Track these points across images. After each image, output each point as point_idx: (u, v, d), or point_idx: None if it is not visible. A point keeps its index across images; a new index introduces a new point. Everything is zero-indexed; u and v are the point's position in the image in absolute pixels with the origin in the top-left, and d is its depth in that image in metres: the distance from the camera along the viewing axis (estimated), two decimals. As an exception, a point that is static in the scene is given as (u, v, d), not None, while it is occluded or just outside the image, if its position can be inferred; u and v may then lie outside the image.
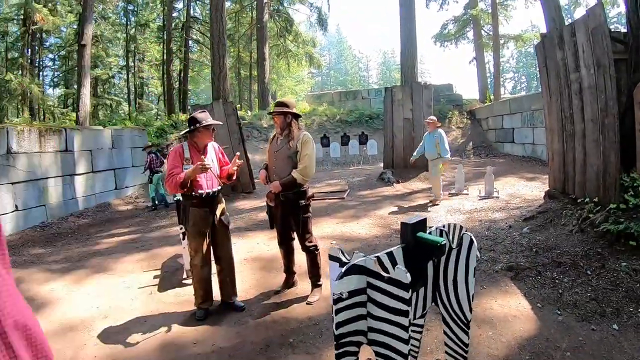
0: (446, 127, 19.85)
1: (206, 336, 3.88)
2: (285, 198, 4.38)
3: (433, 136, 8.75)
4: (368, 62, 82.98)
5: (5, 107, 23.44)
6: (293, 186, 4.34)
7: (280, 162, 4.43)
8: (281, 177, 4.34)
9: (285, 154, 4.40)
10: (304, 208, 4.45)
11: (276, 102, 4.72)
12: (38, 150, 10.11)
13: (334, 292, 1.84)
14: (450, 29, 28.21)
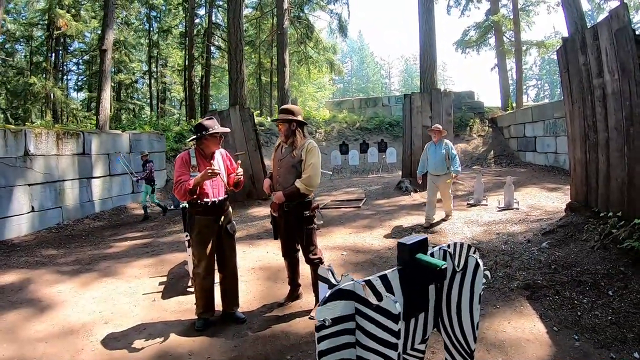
0: (467, 135, 19.56)
1: (203, 348, 3.77)
2: (288, 209, 4.24)
3: (441, 147, 7.70)
4: (390, 68, 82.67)
5: (29, 109, 23.91)
6: (297, 196, 4.20)
7: (284, 171, 4.31)
8: (285, 187, 4.24)
9: (289, 163, 4.28)
10: (308, 219, 4.30)
11: (280, 109, 4.57)
12: (56, 152, 10.20)
13: (317, 318, 1.68)
14: (471, 36, 27.82)
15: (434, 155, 7.71)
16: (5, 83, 24.93)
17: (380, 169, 17.78)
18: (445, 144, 7.69)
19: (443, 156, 7.61)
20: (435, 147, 7.74)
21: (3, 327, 4.36)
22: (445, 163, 7.59)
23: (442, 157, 7.62)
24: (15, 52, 26.93)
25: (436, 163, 7.66)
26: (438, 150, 7.68)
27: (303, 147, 4.27)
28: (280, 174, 4.34)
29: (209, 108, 24.38)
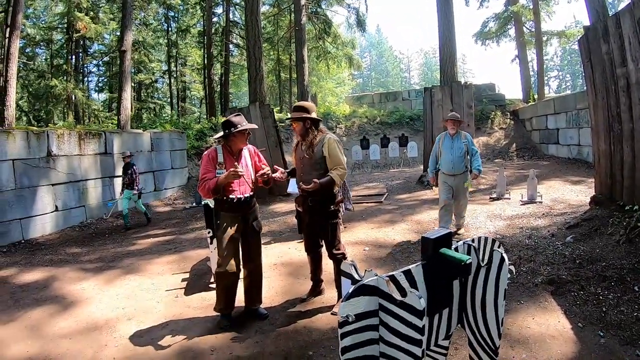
0: (488, 128, 19.32)
1: (225, 344, 3.79)
2: (313, 203, 4.21)
3: (459, 141, 6.46)
4: (409, 62, 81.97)
5: (51, 111, 24.33)
6: (331, 187, 4.17)
7: (307, 169, 4.27)
8: None
9: (310, 161, 4.24)
10: (333, 213, 4.27)
11: (294, 107, 4.45)
12: (78, 152, 10.35)
13: (340, 314, 1.67)
14: (491, 27, 27.34)
15: (449, 150, 6.45)
16: (27, 86, 25.36)
17: (401, 163, 17.65)
18: (464, 137, 6.47)
19: (462, 152, 6.39)
20: (452, 140, 6.48)
21: (28, 323, 4.44)
22: (464, 160, 6.38)
23: (461, 153, 6.40)
24: (36, 56, 27.43)
25: (453, 160, 6.40)
26: (456, 144, 6.44)
27: (322, 143, 4.22)
28: (304, 172, 4.29)
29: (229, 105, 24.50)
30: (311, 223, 4.36)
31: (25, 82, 25.12)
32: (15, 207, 8.85)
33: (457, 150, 6.40)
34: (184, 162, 14.59)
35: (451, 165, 6.42)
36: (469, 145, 6.48)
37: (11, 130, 9.07)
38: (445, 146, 6.52)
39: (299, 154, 4.39)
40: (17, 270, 6.66)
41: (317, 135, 4.29)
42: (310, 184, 4.00)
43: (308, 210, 4.29)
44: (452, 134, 6.50)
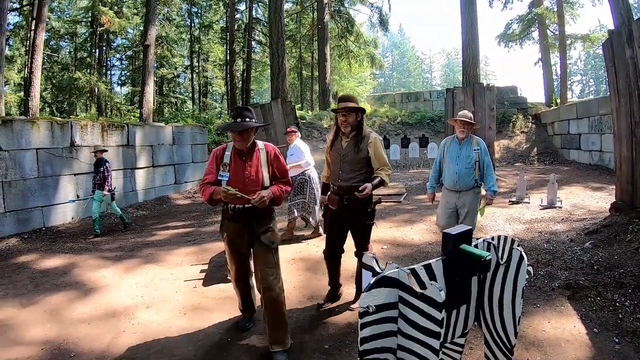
0: (510, 132, 19.18)
1: (242, 335, 3.86)
2: (350, 202, 3.96)
3: (469, 148, 4.99)
4: (431, 63, 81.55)
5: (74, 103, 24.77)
6: (381, 186, 4.02)
7: (349, 168, 4.04)
8: (351, 184, 3.95)
9: (356, 158, 4.01)
10: (370, 214, 4.11)
11: (341, 96, 4.15)
12: (101, 143, 10.53)
13: (361, 304, 1.71)
14: (514, 29, 27.12)
15: (455, 159, 5.02)
16: (51, 78, 25.94)
17: (421, 164, 17.62)
18: (476, 144, 5.01)
19: (471, 162, 4.93)
20: (460, 147, 5.06)
21: (48, 308, 4.52)
22: (473, 174, 4.91)
23: (469, 164, 4.93)
24: (60, 49, 28.07)
25: (459, 172, 4.94)
26: (464, 152, 5.00)
27: (368, 141, 4.01)
28: (344, 170, 4.05)
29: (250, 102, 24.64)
30: (341, 224, 4.15)
31: (50, 74, 25.68)
32: (38, 195, 9.04)
33: (464, 160, 4.95)
34: (204, 156, 14.77)
35: (455, 178, 4.97)
36: (481, 154, 4.95)
37: (36, 120, 9.27)
38: (450, 154, 5.10)
39: (338, 151, 4.13)
40: (37, 256, 6.80)
41: (364, 131, 4.06)
42: (364, 190, 3.70)
43: (342, 210, 4.05)
44: (461, 138, 5.05)
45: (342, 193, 4.03)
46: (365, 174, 4.01)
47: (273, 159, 3.62)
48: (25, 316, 4.31)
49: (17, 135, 8.63)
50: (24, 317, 4.30)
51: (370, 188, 3.75)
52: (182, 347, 3.67)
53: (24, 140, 8.76)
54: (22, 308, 4.52)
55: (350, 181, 4.00)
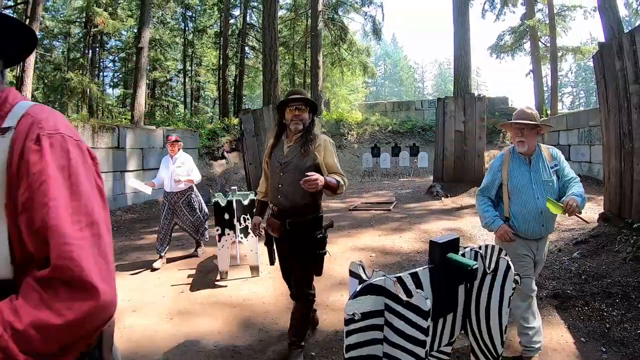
0: (500, 142, 19.30)
1: (228, 339, 3.84)
2: (293, 226, 3.24)
3: (542, 165, 3.25)
4: (423, 72, 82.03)
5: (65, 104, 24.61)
6: (335, 191, 3.13)
7: (291, 179, 3.18)
8: (295, 202, 3.21)
9: (300, 166, 3.19)
10: (320, 242, 3.30)
11: (293, 90, 3.41)
12: (91, 145, 10.43)
13: (347, 312, 1.70)
14: (506, 40, 27.37)
15: (531, 189, 3.21)
16: (43, 78, 25.73)
17: (411, 173, 17.70)
18: (551, 158, 3.31)
19: (554, 187, 3.22)
20: (531, 167, 3.26)
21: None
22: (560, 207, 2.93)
23: (554, 189, 3.22)
24: (53, 48, 27.87)
25: (545, 212, 3.10)
26: (540, 174, 3.24)
27: (316, 144, 3.25)
28: (285, 183, 3.23)
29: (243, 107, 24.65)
30: (292, 253, 3.35)
31: (42, 74, 25.49)
32: (27, 197, 8.92)
33: (543, 186, 3.20)
34: (195, 160, 14.51)
35: (541, 220, 3.19)
36: (560, 167, 3.28)
37: (26, 121, 9.15)
38: (518, 179, 3.25)
39: (278, 159, 3.31)
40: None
41: (313, 133, 3.33)
42: (313, 179, 2.88)
43: (287, 237, 3.30)
44: (524, 152, 3.25)
45: (284, 215, 3.25)
46: (314, 192, 3.11)
47: None
48: None
49: (6, 136, 8.50)
50: None
51: (322, 180, 2.94)
52: (167, 352, 3.64)
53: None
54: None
55: (293, 198, 3.20)
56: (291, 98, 3.28)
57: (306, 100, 3.29)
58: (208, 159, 15.52)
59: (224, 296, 4.86)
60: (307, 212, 3.26)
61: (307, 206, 3.25)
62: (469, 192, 10.86)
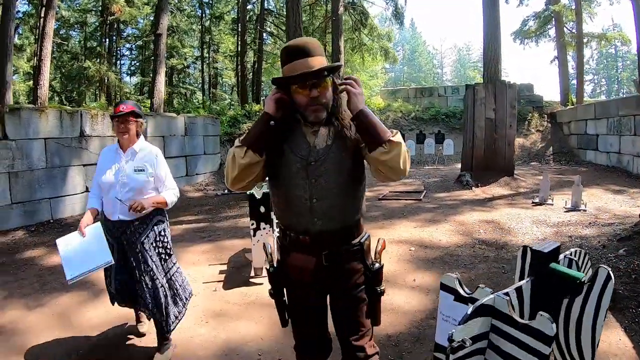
0: (525, 130, 18.94)
1: (273, 346, 3.57)
2: (336, 258, 2.06)
3: None
4: (442, 58, 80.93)
5: (83, 92, 24.70)
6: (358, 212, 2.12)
7: (333, 184, 1.99)
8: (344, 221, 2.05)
9: (346, 163, 2.02)
10: (374, 276, 2.12)
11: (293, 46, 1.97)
12: (111, 134, 10.28)
13: (455, 338, 1.47)
14: (530, 26, 26.70)
15: None
16: (60, 67, 25.84)
17: (436, 160, 17.38)
18: None
19: None
20: None
21: (56, 311, 4.29)
22: None
23: None
24: (70, 38, 27.95)
25: None
26: None
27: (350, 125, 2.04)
28: (322, 193, 1.99)
29: (261, 94, 24.45)
30: (332, 302, 2.20)
31: (59, 63, 25.62)
32: (45, 187, 8.78)
33: None
34: (217, 148, 14.57)
35: None
36: None
37: (44, 109, 9.01)
38: None
39: (300, 152, 2.02)
40: (45, 251, 6.58)
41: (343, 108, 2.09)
42: None
43: (324, 275, 2.07)
44: None
45: (321, 245, 2.03)
46: (359, 196, 2.12)
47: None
48: (35, 319, 4.09)
49: (24, 124, 8.37)
50: (33, 320, 4.08)
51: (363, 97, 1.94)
52: (209, 360, 3.41)
53: (32, 130, 8.49)
54: (29, 311, 4.29)
55: (342, 215, 2.04)
56: (300, 74, 1.88)
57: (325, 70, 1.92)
58: (230, 145, 15.35)
59: (261, 295, 4.53)
60: (355, 233, 2.12)
61: (358, 224, 2.15)
62: (499, 181, 10.54)
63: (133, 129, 3.29)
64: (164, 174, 3.45)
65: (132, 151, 3.32)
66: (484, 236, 6.51)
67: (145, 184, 3.29)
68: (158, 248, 3.35)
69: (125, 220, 3.24)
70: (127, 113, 3.21)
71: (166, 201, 3.39)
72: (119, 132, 3.25)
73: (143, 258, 3.25)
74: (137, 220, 3.25)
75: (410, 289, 4.61)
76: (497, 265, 5.22)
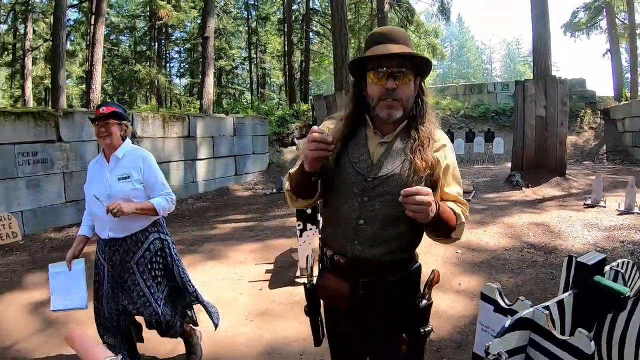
0: (577, 127, 18.17)
1: (315, 348, 3.56)
2: (374, 290, 1.74)
3: None
4: (491, 53, 78.80)
5: (134, 94, 25.72)
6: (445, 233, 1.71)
7: (388, 207, 1.67)
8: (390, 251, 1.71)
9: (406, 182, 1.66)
10: (424, 313, 1.77)
11: (378, 32, 1.76)
12: (161, 135, 10.69)
13: (491, 351, 1.47)
14: (580, 18, 25.61)
15: None
16: (112, 71, 27.14)
17: (486, 159, 16.94)
18: None
19: None
20: None
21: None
22: None
23: None
24: (120, 43, 29.52)
25: None
26: None
27: (442, 146, 1.83)
28: (372, 215, 1.69)
29: (309, 93, 24.65)
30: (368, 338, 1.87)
31: (110, 67, 26.93)
32: (97, 186, 9.20)
33: None
34: (265, 147, 14.85)
35: None
36: None
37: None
38: None
39: (358, 164, 1.73)
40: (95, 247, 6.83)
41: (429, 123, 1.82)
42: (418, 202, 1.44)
43: (363, 307, 1.76)
44: None
45: (358, 272, 1.73)
46: (419, 230, 1.76)
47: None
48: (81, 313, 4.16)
49: (78, 127, 8.76)
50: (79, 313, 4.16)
51: (433, 206, 1.50)
52: (251, 359, 3.48)
53: (85, 132, 8.85)
54: (89, 302, 4.48)
55: (387, 244, 1.71)
56: (378, 55, 1.65)
57: (409, 57, 1.67)
58: (278, 145, 15.63)
59: (306, 295, 4.60)
60: (402, 265, 1.79)
61: (410, 256, 1.83)
62: (550, 182, 10.16)
63: (116, 133, 2.93)
64: (153, 178, 3.00)
65: (115, 158, 2.95)
66: (533, 239, 6.32)
67: (133, 192, 2.89)
68: (154, 270, 3.00)
69: (116, 237, 2.92)
70: (107, 115, 2.86)
71: (154, 207, 2.90)
72: (100, 137, 2.91)
73: (136, 281, 2.94)
74: (130, 237, 2.93)
75: (455, 293, 4.55)
76: (545, 270, 5.06)
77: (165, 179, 3.09)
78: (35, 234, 7.86)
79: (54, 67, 12.20)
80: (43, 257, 6.35)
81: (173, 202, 3.07)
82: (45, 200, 8.20)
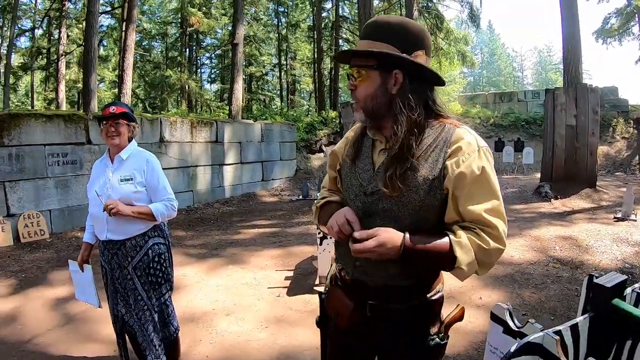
0: (610, 137, 17.66)
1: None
2: (382, 314, 1.57)
3: None
4: (522, 61, 77.42)
5: (165, 99, 26.25)
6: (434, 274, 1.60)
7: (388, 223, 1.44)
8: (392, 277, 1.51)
9: (413, 204, 1.43)
10: (436, 352, 1.59)
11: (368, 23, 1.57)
12: (189, 140, 10.81)
13: (497, 376, 1.41)
14: (612, 24, 24.78)
15: None
16: (144, 76, 27.81)
17: (515, 169, 16.59)
18: None
19: None
20: None
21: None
22: None
23: None
24: (152, 48, 30.36)
25: None
26: None
27: (456, 149, 1.42)
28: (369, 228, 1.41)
29: (339, 100, 24.68)
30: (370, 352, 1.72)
31: (142, 72, 27.64)
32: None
33: None
34: (293, 154, 14.88)
35: None
36: None
37: (126, 117, 9.65)
38: None
39: (360, 177, 1.58)
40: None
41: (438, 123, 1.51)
42: None
43: (368, 329, 1.62)
44: None
45: (363, 292, 1.58)
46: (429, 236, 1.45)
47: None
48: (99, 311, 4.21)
49: (107, 130, 8.96)
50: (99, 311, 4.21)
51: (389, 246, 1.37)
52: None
53: (116, 136, 9.04)
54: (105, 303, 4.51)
55: (386, 271, 1.52)
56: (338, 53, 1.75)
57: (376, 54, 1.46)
58: (306, 152, 15.63)
59: (323, 305, 4.57)
60: (410, 293, 1.55)
61: (426, 281, 1.60)
62: (580, 194, 9.84)
63: (125, 133, 2.88)
64: (156, 181, 2.92)
65: (119, 159, 2.88)
66: (559, 254, 6.12)
67: (134, 195, 2.82)
68: (151, 276, 2.91)
69: (114, 240, 2.83)
70: (117, 114, 2.82)
71: (152, 212, 2.81)
72: (108, 137, 2.82)
73: (134, 286, 2.87)
74: (129, 241, 2.84)
75: (476, 308, 4.43)
76: (570, 287, 4.88)
77: (169, 184, 3.02)
78: (62, 233, 8.04)
79: (85, 72, 12.53)
80: (68, 255, 6.47)
81: (174, 208, 2.96)
82: (73, 200, 8.37)
